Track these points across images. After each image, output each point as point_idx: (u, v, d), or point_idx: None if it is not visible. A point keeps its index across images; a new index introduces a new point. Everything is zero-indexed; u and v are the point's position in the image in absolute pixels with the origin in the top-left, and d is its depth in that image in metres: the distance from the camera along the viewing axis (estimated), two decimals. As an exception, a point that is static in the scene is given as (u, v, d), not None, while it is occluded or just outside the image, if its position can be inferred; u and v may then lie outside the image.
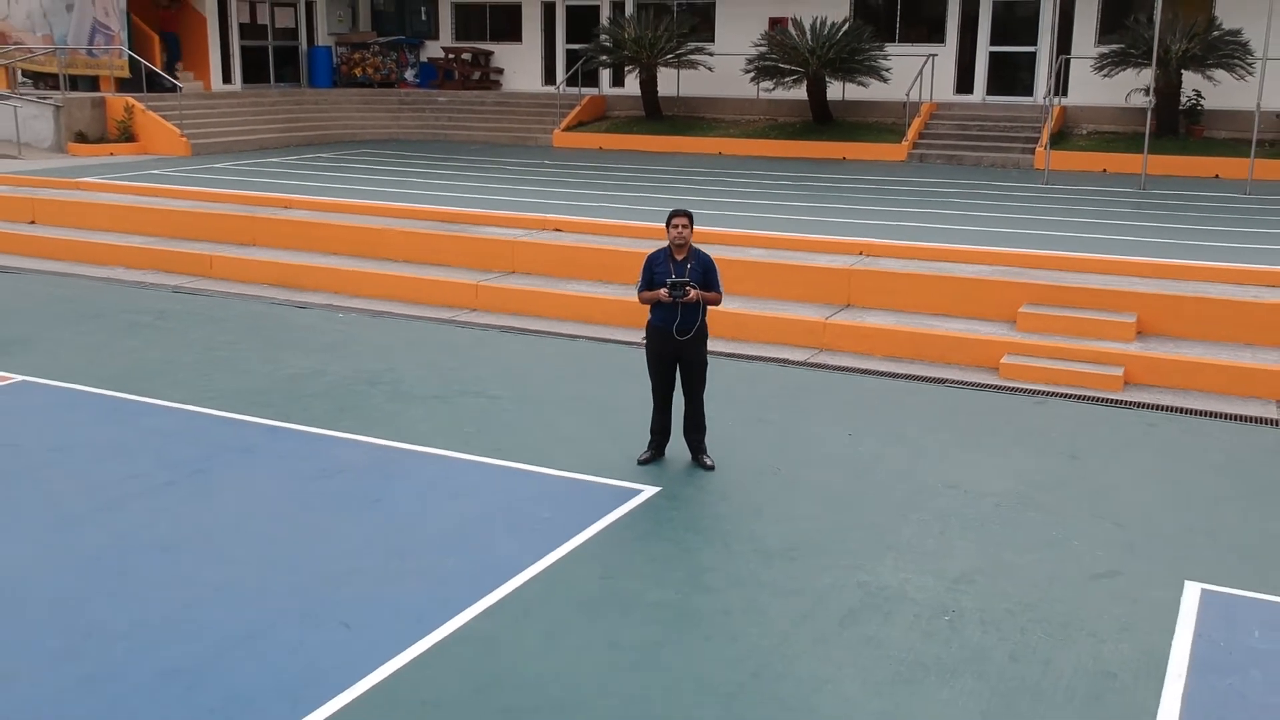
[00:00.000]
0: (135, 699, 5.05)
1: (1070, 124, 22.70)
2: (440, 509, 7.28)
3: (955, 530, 7.00)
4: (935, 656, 5.52)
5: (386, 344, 11.46)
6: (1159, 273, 11.50)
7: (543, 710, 5.02)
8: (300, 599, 6.02)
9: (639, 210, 15.45)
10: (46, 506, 7.25)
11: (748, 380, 10.21)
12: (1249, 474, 8.14)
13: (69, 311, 12.75)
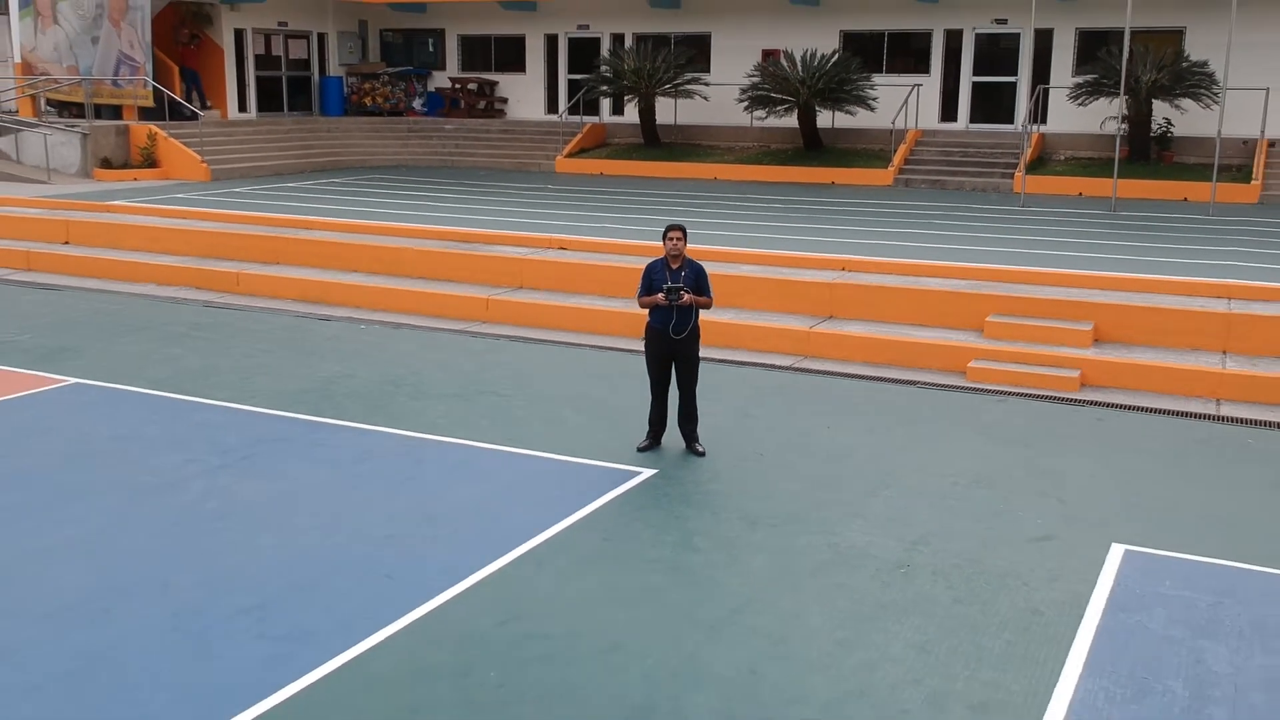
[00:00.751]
0: (218, 628, 6.01)
1: (1049, 150, 23.77)
2: (463, 487, 8.25)
3: (916, 504, 7.97)
4: (890, 599, 6.48)
5: (407, 352, 12.45)
6: (1114, 285, 12.51)
7: (554, 635, 5.98)
8: (347, 556, 6.98)
9: (638, 230, 16.47)
10: (118, 484, 8.22)
11: (737, 382, 11.19)
12: (1181, 460, 9.12)
13: (110, 324, 13.74)
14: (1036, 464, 8.87)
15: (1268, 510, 7.98)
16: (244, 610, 6.22)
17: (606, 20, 28.49)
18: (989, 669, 5.70)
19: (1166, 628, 6.17)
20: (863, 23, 25.81)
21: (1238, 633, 6.09)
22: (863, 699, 5.41)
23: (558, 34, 29.38)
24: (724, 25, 27.16)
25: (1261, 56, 22.34)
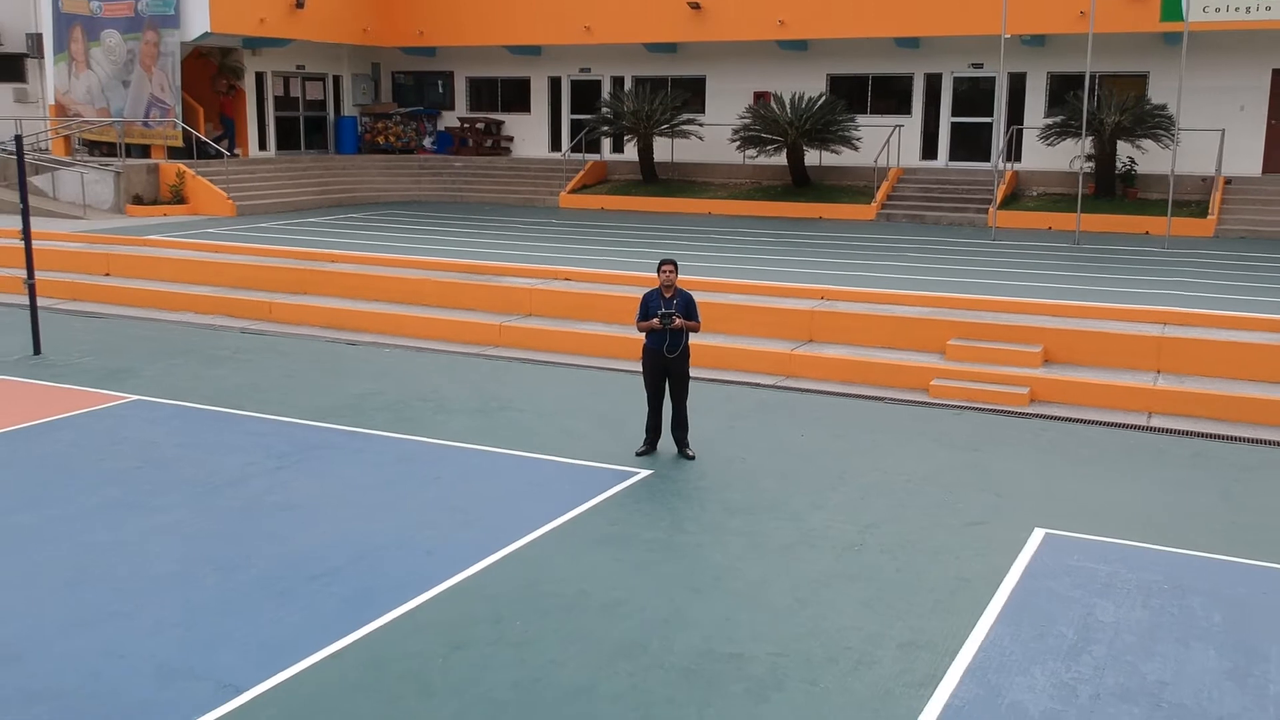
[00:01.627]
0: (296, 590, 7.36)
1: (1022, 186, 25.24)
2: (485, 484, 9.60)
3: (872, 497, 9.32)
4: (843, 570, 7.83)
5: (428, 372, 13.82)
6: (1062, 312, 13.91)
7: (568, 594, 7.32)
8: (392, 538, 8.32)
9: (637, 263, 17.87)
10: (192, 482, 9.57)
11: (724, 398, 12.55)
12: (1107, 463, 10.47)
13: (157, 349, 15.11)
14: (980, 466, 10.23)
15: (1169, 502, 9.33)
16: (314, 577, 7.57)
17: (607, 64, 30.05)
18: (917, 619, 7.04)
19: (1068, 590, 7.51)
20: (848, 66, 27.35)
21: (1125, 594, 7.44)
22: (814, 639, 6.75)
23: (561, 76, 30.93)
24: (718, 69, 28.71)
25: (1217, 100, 23.91)
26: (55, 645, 6.61)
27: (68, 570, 7.70)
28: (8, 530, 8.42)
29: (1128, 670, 6.40)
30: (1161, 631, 6.89)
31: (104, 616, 7.00)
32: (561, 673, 6.33)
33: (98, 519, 8.67)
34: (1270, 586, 7.61)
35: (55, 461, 10.14)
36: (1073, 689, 6.17)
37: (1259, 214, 22.51)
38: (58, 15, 27.92)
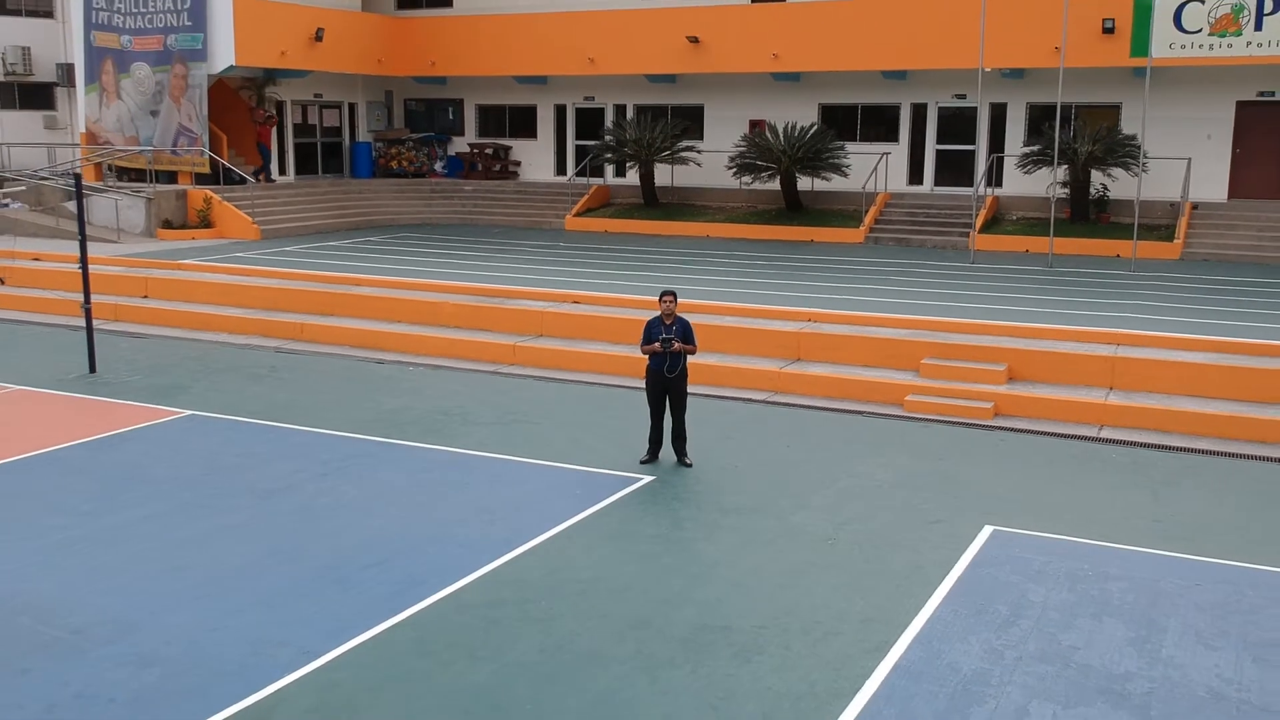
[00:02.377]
0: (353, 577, 8.65)
1: (1003, 210, 26.58)
2: (507, 488, 10.90)
3: (847, 499, 10.62)
4: (818, 560, 9.12)
5: (451, 389, 15.13)
6: (1026, 334, 15.23)
7: (584, 579, 8.62)
8: (431, 534, 9.62)
9: (639, 286, 19.19)
10: (250, 487, 10.87)
11: (719, 412, 13.85)
12: (1058, 469, 11.77)
13: (201, 367, 16.43)
14: (944, 473, 11.53)
15: (1104, 503, 10.62)
16: (367, 566, 8.87)
17: (610, 93, 31.43)
18: (877, 599, 8.33)
19: (1007, 576, 8.80)
20: (839, 96, 28.72)
21: (1054, 579, 8.73)
22: (790, 615, 8.04)
23: (566, 104, 32.31)
24: (715, 98, 30.08)
25: (1185, 129, 25.28)
26: (159, 620, 7.92)
27: (160, 561, 9.01)
28: (104, 529, 9.73)
29: (1048, 639, 7.69)
30: (1080, 609, 8.19)
31: (195, 598, 8.30)
32: (579, 641, 7.63)
33: (176, 519, 9.98)
34: (1178, 573, 8.90)
35: (129, 470, 11.45)
36: (1000, 653, 7.47)
37: (1223, 238, 23.83)
38: (89, 49, 29.29)
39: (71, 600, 8.26)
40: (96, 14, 28.99)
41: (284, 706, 6.75)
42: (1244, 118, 25.30)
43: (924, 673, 7.21)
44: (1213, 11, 23.41)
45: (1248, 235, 23.84)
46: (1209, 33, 23.53)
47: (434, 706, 6.77)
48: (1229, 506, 10.65)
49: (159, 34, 27.86)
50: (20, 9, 33.50)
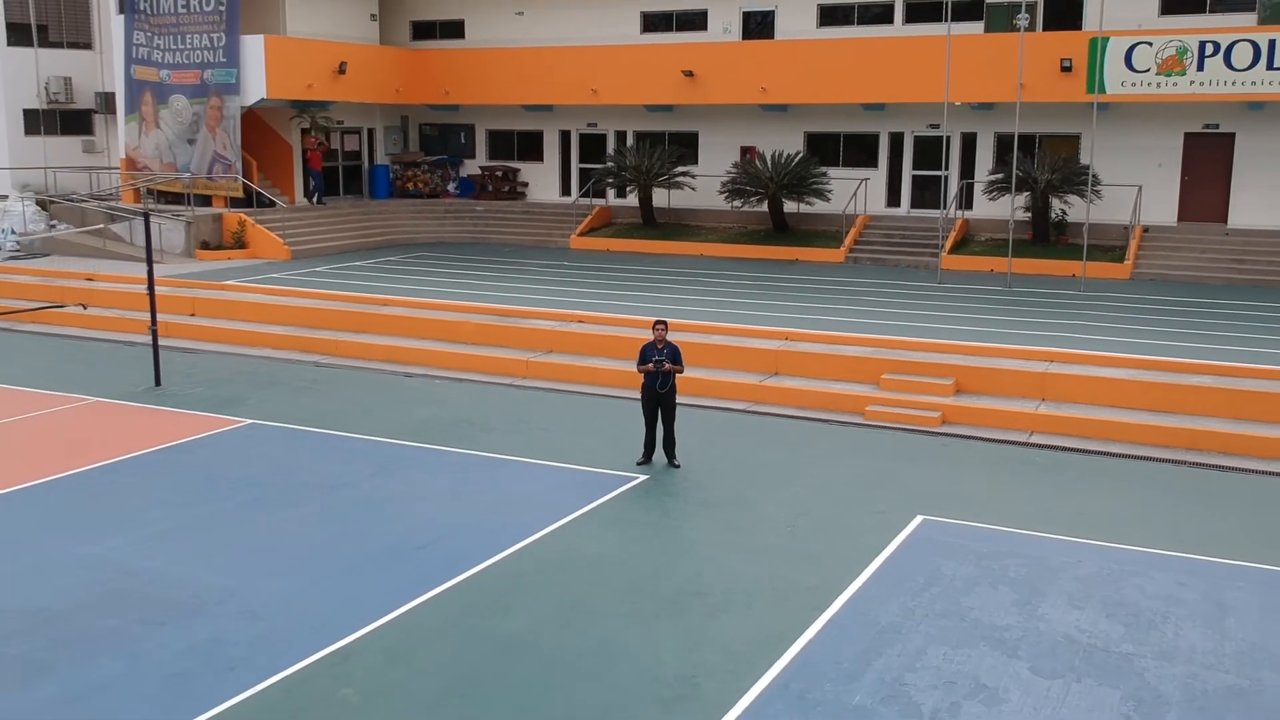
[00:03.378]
0: (408, 555, 10.77)
1: (972, 232, 28.69)
2: (525, 485, 13.01)
3: (809, 494, 12.74)
4: (780, 543, 11.23)
5: (471, 400, 17.26)
6: (971, 352, 17.34)
7: (591, 558, 10.74)
8: (466, 522, 11.74)
9: (638, 307, 21.30)
10: (312, 485, 13.00)
11: (705, 420, 15.97)
12: (988, 469, 13.90)
13: (252, 380, 18.55)
14: (892, 472, 13.65)
15: (1019, 496, 12.74)
16: (417, 547, 11.00)
17: (611, 120, 33.56)
18: (823, 571, 10.45)
19: (928, 554, 10.93)
20: (822, 125, 30.83)
21: (964, 557, 10.86)
22: (754, 584, 10.14)
23: (570, 130, 34.44)
24: (709, 126, 32.21)
25: (1138, 159, 27.41)
26: (256, 588, 10.05)
27: (248, 543, 11.15)
28: (197, 518, 11.87)
29: (951, 601, 9.82)
30: (981, 579, 10.31)
31: (283, 571, 10.43)
32: (588, 601, 9.76)
33: (256, 510, 12.12)
34: (1065, 552, 11.02)
35: (207, 471, 13.58)
36: (912, 611, 9.60)
37: (1170, 259, 25.94)
38: (129, 81, 31.43)
39: (182, 574, 10.39)
40: (136, 49, 31.12)
41: (365, 649, 8.88)
42: (1191, 147, 27.39)
43: (852, 624, 9.34)
44: (1159, 53, 25.52)
45: (1192, 256, 25.95)
46: (1156, 72, 25.64)
47: (478, 647, 8.90)
48: (1123, 499, 12.77)
49: (196, 69, 30.00)
50: (62, 41, 35.61)
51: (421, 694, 8.20)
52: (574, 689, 8.27)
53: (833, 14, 30.21)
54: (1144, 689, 8.33)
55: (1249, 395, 15.36)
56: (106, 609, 9.57)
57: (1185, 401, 15.62)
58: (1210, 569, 10.64)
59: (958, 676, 8.47)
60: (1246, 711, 8.04)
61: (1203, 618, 9.56)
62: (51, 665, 8.55)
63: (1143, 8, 26.99)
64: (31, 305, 23.04)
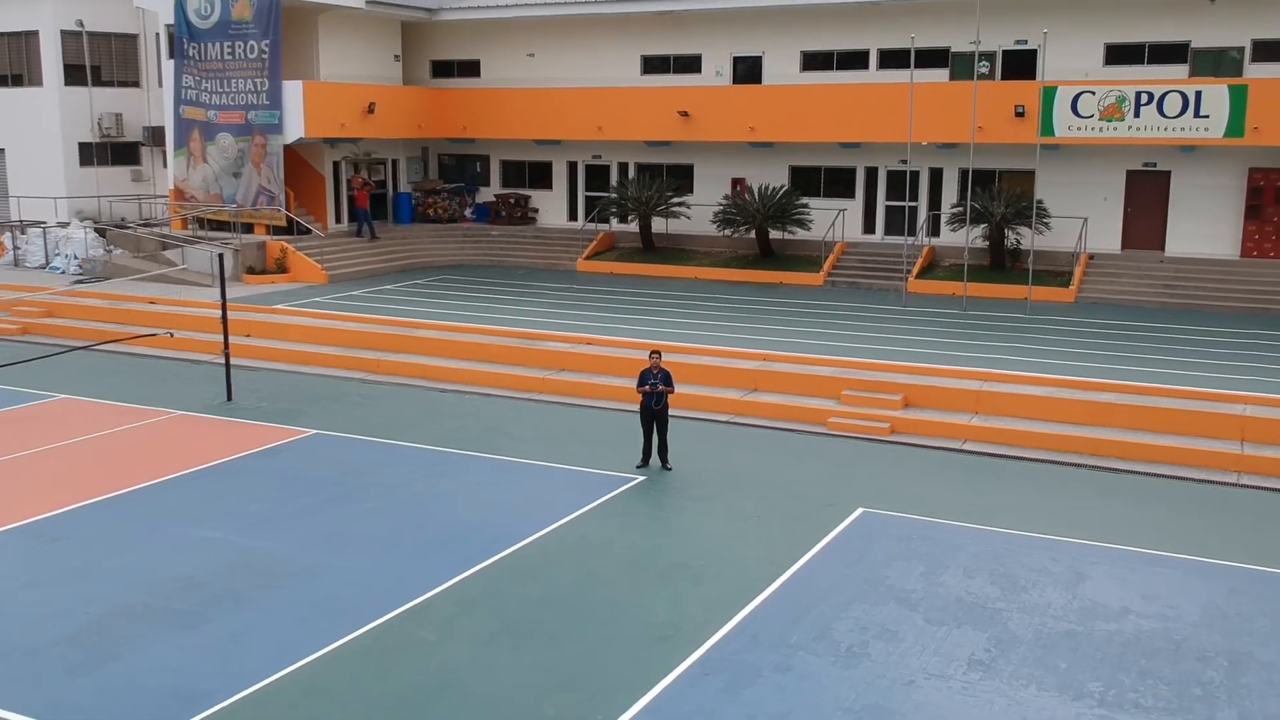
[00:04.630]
0: (462, 539, 13.79)
1: (938, 258, 31.69)
2: (545, 485, 16.02)
3: (773, 491, 15.75)
4: (748, 529, 14.24)
5: (498, 412, 20.27)
6: (918, 371, 20.36)
7: (599, 543, 13.76)
8: (500, 514, 14.75)
9: (638, 330, 24.29)
10: (374, 484, 16.02)
11: (693, 430, 18.97)
12: (924, 471, 16.91)
13: (309, 395, 21.57)
14: (844, 473, 16.67)
15: (945, 493, 15.75)
16: (465, 533, 14.02)
17: (614, 153, 36.59)
18: (776, 550, 13.46)
19: (861, 538, 13.93)
20: (805, 160, 33.84)
21: (890, 539, 13.86)
22: (726, 558, 13.16)
23: (577, 161, 37.48)
24: (703, 159, 35.23)
25: (1085, 192, 30.42)
26: (343, 564, 13.07)
27: (332, 530, 14.17)
28: (287, 511, 14.90)
29: (873, 572, 12.84)
30: (899, 555, 13.33)
31: (365, 551, 13.45)
32: (598, 573, 12.78)
33: (333, 504, 15.15)
34: (970, 536, 14.02)
35: (288, 473, 16.61)
36: (843, 578, 12.62)
37: (1111, 284, 28.94)
38: (179, 120, 34.48)
39: (288, 551, 13.41)
40: (185, 91, 34.17)
41: (434, 605, 11.91)
42: (1133, 183, 30.39)
43: (796, 588, 12.36)
44: (1101, 101, 28.53)
45: (1131, 282, 28.94)
46: (1099, 118, 28.66)
47: (517, 604, 11.93)
48: (1025, 495, 15.80)
49: (241, 110, 33.04)
50: (113, 80, 38.73)
51: (479, 635, 11.22)
52: (589, 631, 11.30)
53: (814, 60, 33.23)
54: (1005, 633, 11.35)
55: (1146, 409, 18.36)
56: (236, 577, 12.61)
57: (1093, 414, 18.62)
58: (1079, 548, 13.66)
59: (870, 624, 11.50)
60: (1075, 648, 11.05)
61: (1062, 584, 12.58)
62: (209, 616, 11.59)
63: (1089, 59, 30.01)
64: (133, 331, 26.14)
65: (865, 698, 9.99)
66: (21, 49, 38.00)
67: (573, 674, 10.41)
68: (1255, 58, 28.56)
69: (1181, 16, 29.01)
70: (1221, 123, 27.55)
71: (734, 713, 9.68)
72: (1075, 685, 10.27)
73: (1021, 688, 10.21)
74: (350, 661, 10.66)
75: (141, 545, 13.58)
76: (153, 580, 12.51)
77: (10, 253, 35.69)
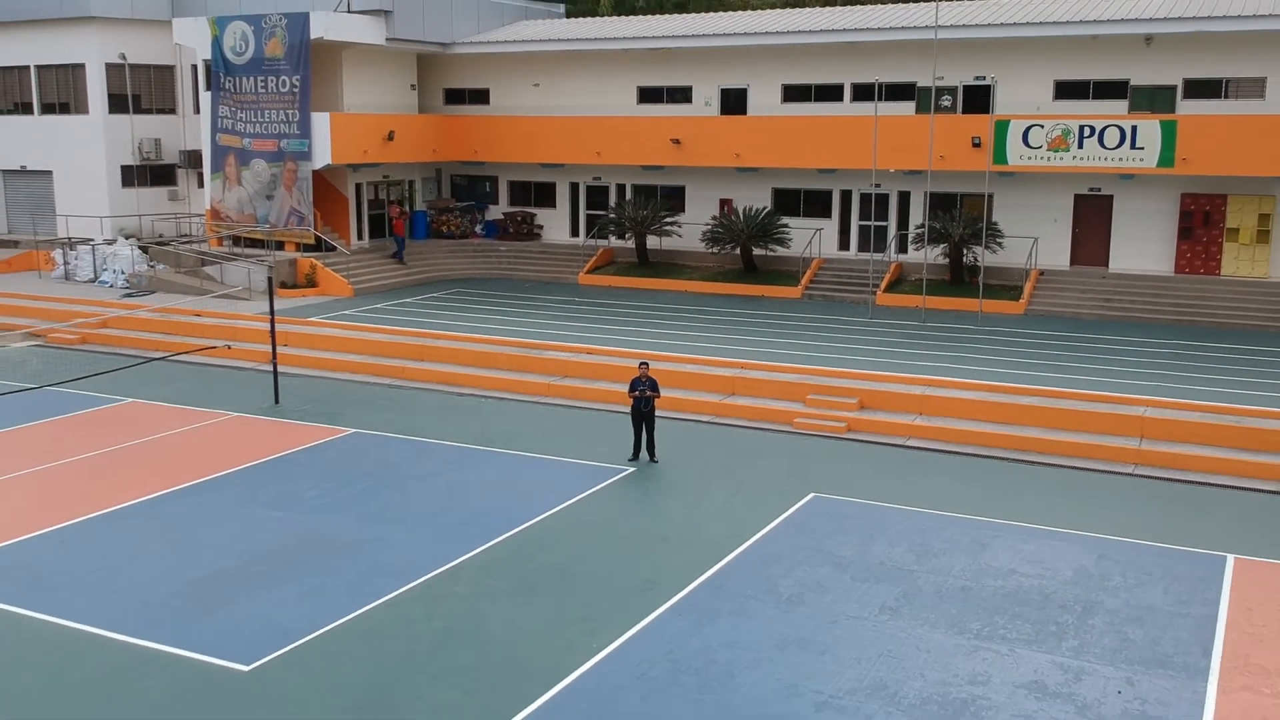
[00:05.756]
0: (486, 518, 16.75)
1: (905, 273, 34.64)
2: (552, 475, 18.98)
3: (746, 479, 18.69)
4: (719, 509, 17.20)
5: (510, 415, 23.24)
6: (872, 378, 23.32)
7: (599, 521, 16.72)
8: (514, 498, 17.71)
9: (633, 340, 27.24)
10: (413, 476, 18.97)
11: (678, 429, 21.91)
12: (872, 463, 19.85)
13: (343, 399, 24.54)
14: (803, 465, 19.63)
15: (886, 482, 18.68)
16: (490, 513, 16.98)
17: (613, 175, 39.56)
18: (740, 526, 16.41)
19: (809, 517, 16.88)
20: (787, 183, 36.80)
21: (834, 518, 16.82)
22: (700, 532, 16.10)
23: (579, 182, 40.45)
24: (694, 182, 38.20)
25: (1038, 214, 33.37)
26: (392, 538, 16.02)
27: (381, 511, 17.12)
28: (341, 497, 17.86)
29: (815, 542, 15.80)
30: (838, 530, 16.29)
31: (407, 528, 16.40)
32: (596, 543, 15.75)
33: (375, 491, 18.11)
34: (899, 515, 16.96)
35: (336, 466, 19.57)
36: (790, 547, 15.58)
37: (1058, 297, 31.88)
38: (215, 146, 37.48)
39: (343, 529, 16.36)
40: (221, 120, 37.17)
41: (464, 568, 14.87)
42: (1080, 205, 33.32)
43: (753, 554, 15.32)
44: (1049, 134, 31.48)
45: (1075, 296, 31.89)
46: (1047, 149, 31.62)
47: (532, 568, 14.90)
48: (952, 483, 18.75)
49: (274, 139, 36.03)
50: (152, 108, 41.72)
51: (500, 590, 14.18)
52: (589, 586, 14.26)
53: (794, 93, 36.19)
54: (913, 588, 14.31)
55: (1060, 410, 21.31)
56: (304, 548, 15.58)
57: (1016, 415, 21.56)
58: (986, 525, 16.61)
59: (808, 581, 14.46)
60: (965, 599, 14.00)
61: (966, 552, 15.54)
62: (286, 576, 14.57)
63: (1041, 94, 32.96)
64: (186, 341, 29.14)
65: (797, 633, 12.96)
66: (69, 80, 40.99)
67: (573, 617, 13.39)
68: (1186, 95, 31.49)
69: (1121, 57, 31.96)
70: (1154, 154, 30.50)
71: (696, 642, 12.67)
72: (959, 625, 13.24)
73: (918, 627, 13.19)
74: (401, 609, 13.63)
75: (225, 524, 16.57)
76: (239, 550, 15.49)
77: (61, 267, 38.64)
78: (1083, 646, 12.73)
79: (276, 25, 35.46)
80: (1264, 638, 12.95)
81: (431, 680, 11.85)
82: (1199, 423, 20.42)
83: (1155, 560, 15.35)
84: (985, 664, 12.28)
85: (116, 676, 11.96)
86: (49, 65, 41.37)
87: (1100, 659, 12.45)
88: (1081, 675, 12.05)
